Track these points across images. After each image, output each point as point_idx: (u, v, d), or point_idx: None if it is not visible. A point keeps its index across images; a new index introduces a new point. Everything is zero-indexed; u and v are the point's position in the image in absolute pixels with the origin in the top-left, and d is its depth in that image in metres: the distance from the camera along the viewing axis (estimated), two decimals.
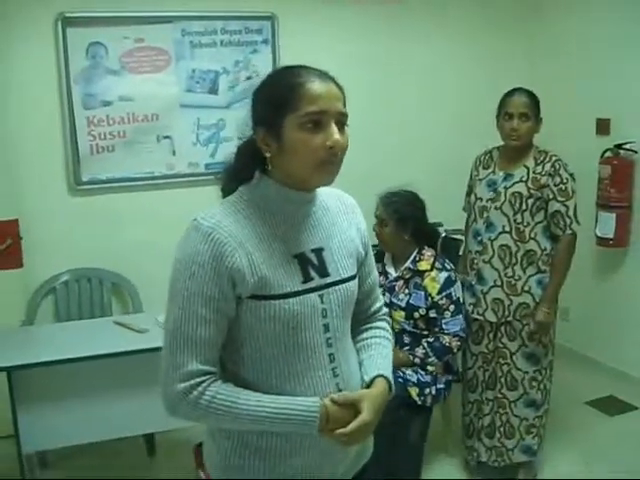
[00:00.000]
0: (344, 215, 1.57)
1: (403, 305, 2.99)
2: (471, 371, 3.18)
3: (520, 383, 3.05)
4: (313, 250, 1.46)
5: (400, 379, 2.87)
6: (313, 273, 1.44)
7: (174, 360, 1.37)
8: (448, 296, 2.96)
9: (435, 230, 3.16)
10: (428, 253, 3.04)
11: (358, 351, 1.59)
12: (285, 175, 1.41)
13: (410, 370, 2.97)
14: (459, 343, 2.99)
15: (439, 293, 2.95)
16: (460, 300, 3.01)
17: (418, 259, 3.03)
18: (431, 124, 4.47)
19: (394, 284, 3.03)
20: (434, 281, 2.97)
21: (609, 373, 4.20)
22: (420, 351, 2.94)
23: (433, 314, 2.97)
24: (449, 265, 3.06)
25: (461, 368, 3.25)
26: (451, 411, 3.39)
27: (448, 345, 2.95)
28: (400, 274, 3.04)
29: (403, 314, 2.99)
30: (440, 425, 3.34)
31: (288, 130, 1.36)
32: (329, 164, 1.38)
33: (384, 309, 1.70)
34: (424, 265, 3.01)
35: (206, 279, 1.35)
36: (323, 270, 1.46)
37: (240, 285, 1.36)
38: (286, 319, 1.39)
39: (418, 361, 2.95)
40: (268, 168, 1.43)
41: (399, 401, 2.80)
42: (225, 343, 1.43)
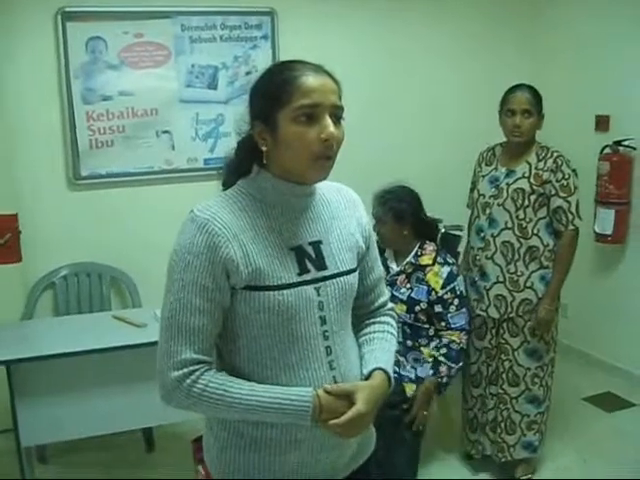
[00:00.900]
0: (345, 209, 1.57)
1: (404, 299, 3.00)
2: (475, 366, 3.19)
3: (522, 379, 3.06)
4: (311, 243, 1.47)
5: (395, 374, 2.86)
6: (310, 266, 1.44)
7: (168, 348, 1.38)
8: (452, 290, 2.97)
9: (434, 221, 3.16)
10: (430, 247, 3.05)
11: (360, 345, 1.59)
12: (281, 169, 1.42)
13: (409, 366, 2.98)
14: (467, 337, 3.01)
15: (443, 287, 2.97)
16: (463, 294, 3.02)
17: (420, 254, 3.04)
18: (431, 121, 4.46)
19: (395, 278, 3.05)
20: (437, 276, 2.99)
21: (607, 369, 4.21)
22: (443, 369, 2.95)
23: (438, 309, 2.98)
24: (451, 259, 3.07)
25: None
26: (449, 407, 3.40)
27: (459, 345, 2.97)
28: (402, 268, 3.05)
29: (404, 307, 3.00)
30: (437, 420, 3.34)
31: (283, 123, 1.37)
32: (324, 158, 1.38)
33: (389, 304, 1.70)
34: (426, 259, 3.02)
35: (201, 269, 1.36)
36: (321, 263, 1.46)
37: (234, 276, 1.37)
38: (280, 310, 1.39)
39: (446, 380, 2.96)
40: (265, 162, 1.43)
41: (396, 399, 2.82)
42: (221, 333, 1.45)
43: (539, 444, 3.15)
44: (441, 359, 2.96)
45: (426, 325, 3.02)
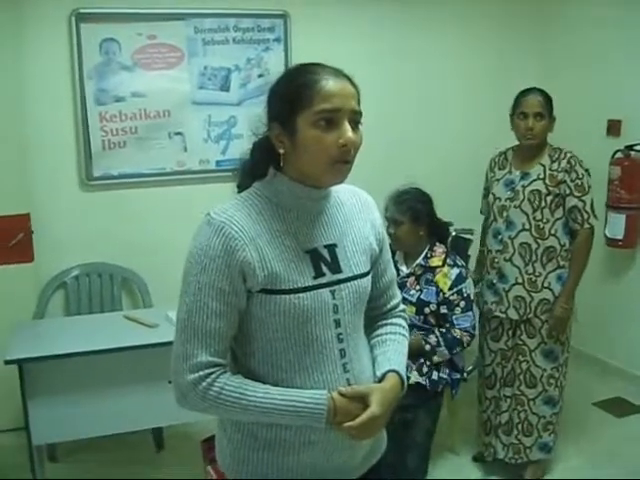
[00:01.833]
0: (359, 212, 1.57)
1: (414, 300, 3.01)
2: (489, 368, 3.20)
3: (539, 380, 3.07)
4: (326, 246, 1.47)
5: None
6: (325, 269, 1.45)
7: (184, 351, 1.39)
8: (459, 292, 2.98)
9: (446, 223, 3.19)
10: (439, 250, 3.07)
11: (372, 347, 1.60)
12: (298, 172, 1.42)
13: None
14: (469, 339, 3.01)
15: (450, 289, 2.98)
16: (471, 297, 3.03)
17: (430, 255, 3.05)
18: (442, 124, 4.46)
19: (405, 280, 3.05)
20: (446, 277, 3.00)
21: (617, 374, 4.20)
22: (433, 338, 2.96)
23: (444, 310, 3.00)
24: (460, 262, 3.09)
25: (475, 365, 3.27)
26: (458, 410, 3.40)
27: (459, 338, 2.97)
28: (412, 270, 3.06)
29: (414, 309, 3.01)
30: (445, 424, 3.34)
31: (301, 127, 1.37)
32: (341, 162, 1.38)
33: (401, 306, 1.71)
34: (436, 261, 3.04)
35: (217, 272, 1.37)
36: (335, 266, 1.47)
37: (250, 279, 1.38)
38: (296, 314, 1.40)
39: (429, 348, 2.95)
40: (282, 165, 1.44)
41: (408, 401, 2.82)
42: (236, 336, 1.45)
43: (553, 445, 3.16)
44: (437, 332, 2.98)
45: (435, 328, 3.03)
